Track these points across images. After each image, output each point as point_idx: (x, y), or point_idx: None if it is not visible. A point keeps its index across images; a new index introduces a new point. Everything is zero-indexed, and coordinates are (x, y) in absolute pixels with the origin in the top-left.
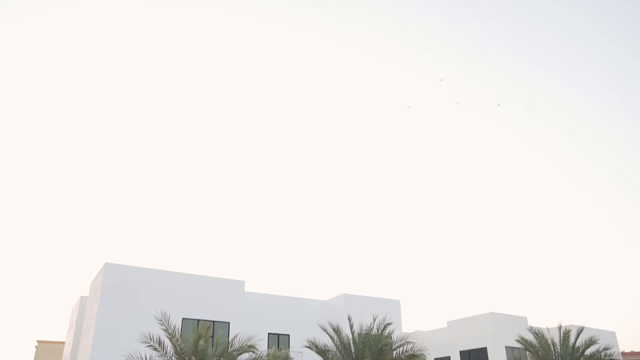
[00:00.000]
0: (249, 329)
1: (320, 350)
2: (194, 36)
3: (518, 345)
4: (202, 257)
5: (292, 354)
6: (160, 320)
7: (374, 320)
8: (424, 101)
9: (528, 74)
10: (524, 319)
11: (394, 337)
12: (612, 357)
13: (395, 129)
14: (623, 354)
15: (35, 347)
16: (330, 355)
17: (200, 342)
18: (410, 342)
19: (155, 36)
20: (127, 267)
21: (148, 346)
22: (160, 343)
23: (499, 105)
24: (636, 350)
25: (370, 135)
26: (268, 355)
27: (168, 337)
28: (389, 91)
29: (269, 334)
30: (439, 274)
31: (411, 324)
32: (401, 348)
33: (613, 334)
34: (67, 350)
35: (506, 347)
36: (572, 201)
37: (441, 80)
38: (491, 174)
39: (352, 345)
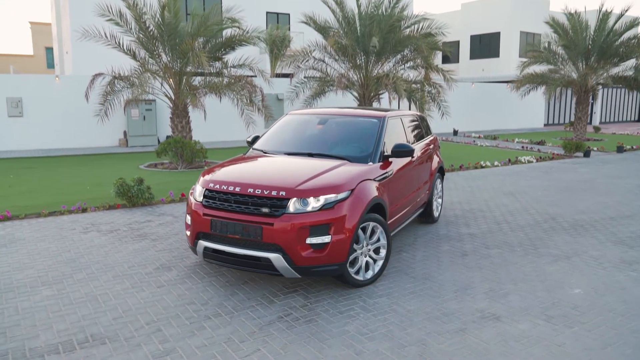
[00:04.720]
0: (243, 5)
1: (320, 27)
2: None
3: (535, 31)
4: None
5: (292, 34)
6: None
7: None
8: None
9: None
10: (547, 2)
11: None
12: None
13: None
14: None
15: (30, 28)
16: (332, 33)
17: (166, 13)
18: (427, 19)
19: None
20: None
21: (108, 20)
22: (121, 17)
23: None
24: None
25: None
26: (266, 35)
27: (127, 7)
28: None
29: (267, 12)
30: None
31: (421, 6)
32: (415, 26)
33: None
34: (54, 30)
35: (521, 32)
36: None
37: None
38: None
39: (357, 21)
